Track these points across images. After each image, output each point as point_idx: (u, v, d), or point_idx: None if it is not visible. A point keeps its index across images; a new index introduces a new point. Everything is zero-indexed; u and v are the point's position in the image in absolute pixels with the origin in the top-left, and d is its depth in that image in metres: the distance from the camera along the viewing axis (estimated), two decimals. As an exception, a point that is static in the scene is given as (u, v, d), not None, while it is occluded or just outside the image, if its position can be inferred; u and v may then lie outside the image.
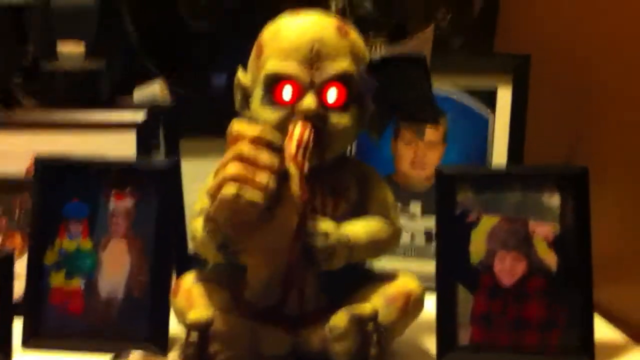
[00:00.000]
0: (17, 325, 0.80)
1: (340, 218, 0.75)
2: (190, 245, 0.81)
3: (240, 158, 0.66)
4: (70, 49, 1.28)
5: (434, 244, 0.81)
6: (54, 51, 1.29)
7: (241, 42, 0.80)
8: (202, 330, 0.68)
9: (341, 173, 0.78)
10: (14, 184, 0.94)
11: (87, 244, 0.83)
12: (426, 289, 0.78)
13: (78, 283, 0.82)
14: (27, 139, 1.00)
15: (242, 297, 0.72)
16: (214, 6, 1.32)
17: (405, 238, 0.98)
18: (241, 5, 1.28)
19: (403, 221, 0.91)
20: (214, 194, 0.66)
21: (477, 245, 0.79)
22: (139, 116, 1.00)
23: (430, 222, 0.99)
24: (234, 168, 0.65)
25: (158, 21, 1.48)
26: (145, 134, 1.00)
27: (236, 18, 1.29)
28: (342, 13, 1.23)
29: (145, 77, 1.30)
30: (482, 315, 0.78)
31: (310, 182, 0.71)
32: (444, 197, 0.80)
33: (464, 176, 0.81)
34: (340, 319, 0.70)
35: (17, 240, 0.91)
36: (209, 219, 0.69)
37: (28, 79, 1.33)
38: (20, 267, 0.84)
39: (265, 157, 0.66)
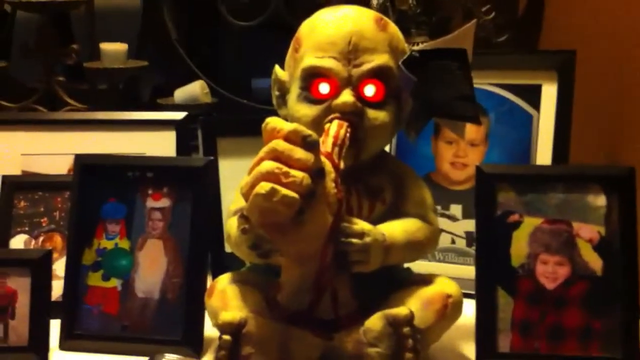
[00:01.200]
0: (56, 326, 0.81)
1: (376, 219, 0.74)
2: (226, 245, 0.81)
3: (274, 155, 0.64)
4: (113, 50, 1.30)
5: (474, 247, 0.78)
6: (97, 52, 1.31)
7: (284, 43, 0.79)
8: (234, 332, 0.68)
9: (378, 172, 0.77)
10: (55, 184, 0.94)
11: (124, 244, 0.83)
12: (467, 294, 0.76)
13: (115, 283, 0.82)
14: (69, 138, 1.01)
15: (275, 300, 0.71)
16: (256, 6, 1.32)
17: (445, 241, 0.96)
18: (284, 5, 1.28)
19: (443, 223, 0.89)
20: (247, 192, 0.64)
21: (519, 247, 0.77)
22: (179, 115, 1.00)
23: (471, 225, 0.96)
24: (267, 165, 0.64)
25: (200, 22, 1.49)
26: (185, 133, 1.00)
27: (278, 18, 1.29)
28: (383, 10, 1.21)
29: (186, 78, 1.31)
30: (522, 322, 0.75)
31: (345, 181, 0.70)
32: (484, 197, 0.78)
33: (506, 176, 0.79)
34: (375, 322, 0.69)
35: (57, 241, 0.92)
36: (242, 218, 0.68)
37: (71, 79, 1.35)
38: (60, 268, 0.86)
39: (299, 153, 0.64)
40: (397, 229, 0.73)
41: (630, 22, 0.95)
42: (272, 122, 0.66)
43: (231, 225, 0.74)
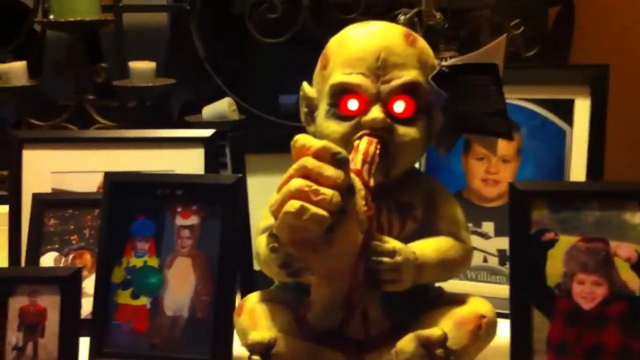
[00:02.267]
0: (85, 344, 0.80)
1: (407, 237, 0.73)
2: (255, 263, 0.80)
3: (304, 172, 0.64)
4: (142, 68, 1.31)
5: (508, 266, 0.77)
6: (127, 70, 1.32)
7: (311, 59, 0.79)
8: (263, 352, 0.67)
9: (408, 189, 0.76)
10: (85, 201, 0.95)
11: (153, 262, 0.83)
12: (500, 314, 0.74)
13: (144, 301, 0.82)
14: (99, 156, 1.01)
15: (305, 319, 0.70)
16: (284, 23, 1.32)
17: (477, 259, 0.94)
18: (311, 20, 1.28)
19: (475, 241, 0.88)
20: (276, 210, 0.64)
21: (554, 266, 0.75)
22: (207, 132, 1.00)
23: (503, 243, 0.95)
24: (297, 183, 0.63)
25: (227, 38, 1.50)
26: (213, 149, 1.00)
27: (306, 34, 1.29)
28: (411, 25, 1.21)
29: (214, 95, 1.31)
30: (559, 343, 0.73)
31: (375, 198, 0.69)
32: (518, 214, 0.77)
33: (540, 192, 0.77)
34: (407, 343, 0.67)
35: (87, 259, 0.92)
36: (272, 236, 0.67)
37: (101, 97, 1.36)
38: (89, 286, 0.86)
39: (329, 171, 0.64)
40: (428, 247, 0.72)
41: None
42: (301, 139, 0.66)
43: (260, 243, 0.73)
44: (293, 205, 0.62)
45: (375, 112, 0.71)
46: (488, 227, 0.97)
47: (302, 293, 0.72)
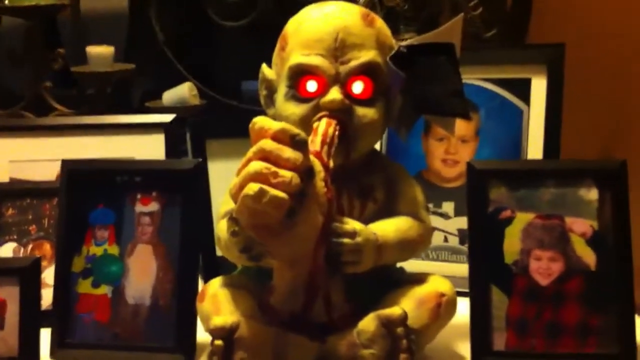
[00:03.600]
0: (47, 335, 0.80)
1: (368, 219, 0.73)
2: (217, 249, 0.80)
3: (263, 155, 0.63)
4: (99, 53, 1.28)
5: (467, 245, 0.78)
6: (85, 56, 1.29)
7: (273, 44, 0.78)
8: (226, 337, 0.67)
9: (369, 171, 0.76)
10: (43, 190, 0.94)
11: (114, 250, 0.82)
12: (461, 292, 0.75)
13: (105, 290, 0.81)
14: (57, 144, 1.00)
15: (267, 303, 0.71)
16: (245, 7, 1.31)
17: (437, 239, 0.95)
18: (272, 5, 1.27)
19: (435, 221, 0.89)
20: (236, 194, 0.63)
21: (512, 244, 0.76)
22: (167, 118, 0.99)
23: (463, 222, 0.95)
24: (255, 166, 0.63)
25: (188, 23, 1.48)
26: (173, 136, 0.99)
27: (267, 19, 1.28)
28: (370, 7, 1.21)
29: (176, 81, 1.30)
30: (518, 319, 0.75)
31: (336, 180, 0.69)
32: (476, 193, 0.78)
33: (497, 172, 0.78)
34: (368, 323, 0.68)
35: (47, 249, 0.91)
36: (232, 220, 0.67)
37: (59, 85, 1.34)
38: (49, 276, 0.85)
39: (288, 153, 0.63)
40: (389, 227, 0.73)
41: (621, 12, 0.95)
42: (259, 121, 0.65)
43: (221, 228, 0.73)
44: (252, 188, 0.62)
45: (334, 94, 0.71)
46: (448, 207, 0.98)
47: (264, 278, 0.72)
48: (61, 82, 1.36)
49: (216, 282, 0.76)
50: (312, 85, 0.72)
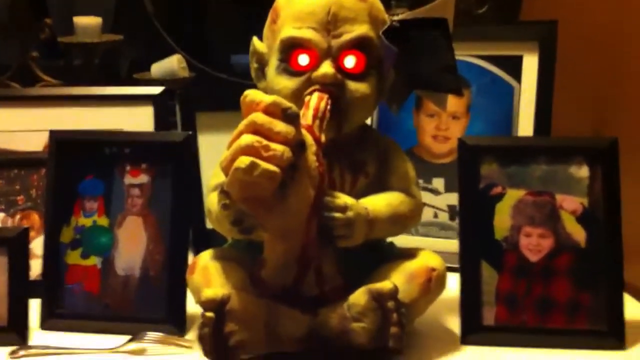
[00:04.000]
0: (36, 306, 0.80)
1: (359, 194, 0.73)
2: (207, 221, 0.80)
3: (254, 128, 0.63)
4: (87, 23, 1.27)
5: (457, 221, 0.78)
6: (72, 26, 1.28)
7: (264, 16, 0.77)
8: (217, 309, 0.67)
9: (360, 146, 0.76)
10: (31, 161, 0.93)
11: (103, 221, 0.82)
12: (451, 268, 0.75)
13: (94, 261, 0.81)
14: (44, 114, 0.99)
15: (259, 276, 0.70)
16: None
17: (427, 215, 0.95)
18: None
19: (425, 197, 0.89)
20: (226, 167, 0.63)
21: (502, 220, 0.76)
22: (156, 90, 0.98)
23: (453, 199, 0.96)
24: (247, 139, 0.62)
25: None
26: (162, 107, 0.98)
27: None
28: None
29: (165, 52, 1.28)
30: (508, 295, 0.75)
31: (328, 155, 0.69)
32: (467, 169, 0.78)
33: (488, 148, 0.78)
34: (359, 297, 0.68)
35: (35, 219, 0.90)
36: (223, 193, 0.67)
37: (46, 54, 1.32)
38: (38, 247, 0.84)
39: (280, 126, 0.63)
40: (380, 202, 0.73)
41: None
42: (251, 94, 0.64)
43: (211, 201, 0.73)
44: (243, 161, 0.62)
45: (326, 67, 0.71)
46: (438, 183, 0.98)
47: (255, 250, 0.72)
48: (48, 52, 1.35)
49: (206, 255, 0.76)
50: (304, 59, 0.72)
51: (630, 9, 0.91)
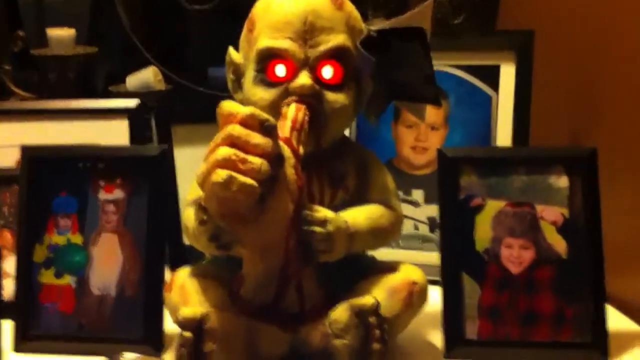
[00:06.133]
0: (9, 327, 0.78)
1: (338, 207, 0.72)
2: (185, 237, 0.78)
3: (231, 141, 0.61)
4: (60, 35, 1.25)
5: (438, 233, 0.77)
6: (46, 38, 1.26)
7: (241, 29, 0.76)
8: (195, 328, 0.65)
9: (339, 158, 0.75)
10: (3, 177, 0.90)
11: (77, 239, 0.80)
12: (432, 281, 0.75)
13: (68, 280, 0.79)
14: (17, 129, 0.97)
15: (238, 294, 0.69)
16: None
17: (408, 227, 0.95)
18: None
19: (405, 209, 0.88)
20: (203, 181, 0.62)
21: (483, 232, 0.76)
22: (131, 103, 0.97)
23: (433, 210, 0.95)
24: (223, 152, 0.61)
25: (153, 6, 1.45)
26: (138, 121, 0.97)
27: (234, 2, 1.26)
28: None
29: (142, 65, 1.27)
30: (490, 308, 0.75)
31: (306, 167, 0.68)
32: (446, 180, 0.77)
33: (468, 159, 0.78)
34: (340, 313, 0.67)
35: (7, 238, 0.88)
36: (200, 208, 0.65)
37: (18, 67, 1.30)
38: (10, 266, 0.82)
39: (257, 139, 0.62)
40: (360, 215, 0.72)
41: (588, 0, 0.95)
42: (227, 106, 0.63)
43: (188, 216, 0.71)
44: (220, 175, 0.60)
45: (304, 78, 0.70)
46: (418, 194, 0.97)
47: (234, 267, 0.71)
48: (21, 65, 1.32)
49: (184, 272, 0.74)
50: (280, 70, 0.71)
51: (607, 17, 0.91)
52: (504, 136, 0.96)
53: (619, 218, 0.80)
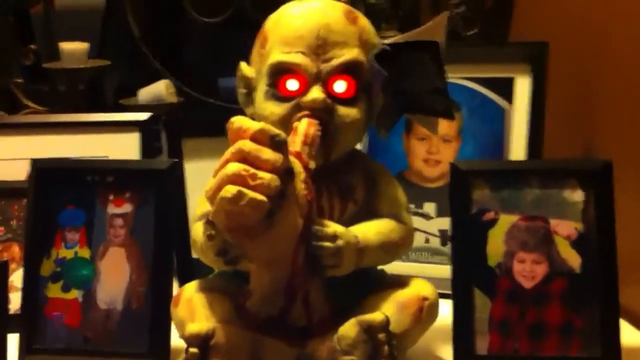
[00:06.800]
0: (15, 340, 0.77)
1: (348, 220, 0.71)
2: (193, 251, 0.78)
3: (241, 156, 0.61)
4: (73, 49, 1.25)
5: (449, 246, 0.76)
6: (57, 52, 1.26)
7: (251, 40, 0.76)
8: (201, 344, 0.64)
9: (349, 171, 0.74)
10: (12, 190, 0.90)
11: (84, 253, 0.79)
12: (443, 295, 0.73)
13: (75, 294, 0.78)
14: (28, 142, 0.97)
15: (245, 307, 0.68)
16: (222, 2, 1.28)
17: (418, 240, 0.93)
18: (250, 2, 1.25)
19: (416, 222, 0.87)
20: (212, 196, 0.61)
21: (495, 246, 0.74)
22: (142, 116, 0.97)
23: (445, 223, 0.94)
24: (233, 167, 0.60)
25: (164, 18, 1.45)
26: (149, 134, 0.97)
27: (245, 14, 1.26)
28: (352, 3, 1.19)
29: (152, 77, 1.27)
30: (501, 322, 0.73)
31: (316, 180, 0.67)
32: (459, 194, 0.76)
33: (481, 172, 0.77)
34: (349, 329, 0.66)
35: (15, 251, 0.88)
36: (208, 223, 0.65)
37: (30, 80, 1.30)
38: (18, 279, 0.82)
39: (267, 154, 0.61)
40: (370, 230, 0.71)
41: (604, 9, 0.93)
42: (237, 121, 0.63)
43: (197, 230, 0.71)
44: (230, 190, 0.60)
45: (316, 93, 0.69)
46: (429, 207, 0.96)
47: (241, 280, 0.70)
48: (33, 78, 1.33)
49: (191, 286, 0.73)
50: (292, 84, 0.70)
51: (623, 26, 0.90)
52: (517, 149, 0.94)
53: (633, 229, 0.79)
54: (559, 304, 0.73)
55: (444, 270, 0.79)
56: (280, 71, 0.70)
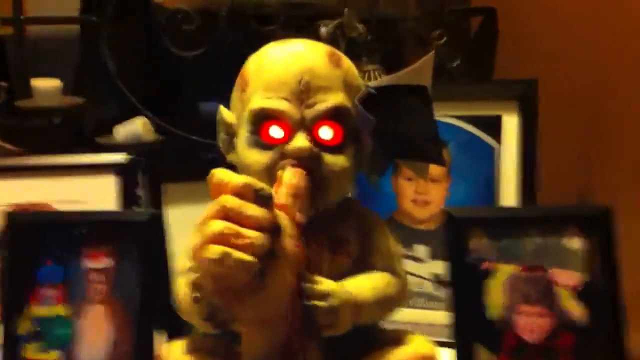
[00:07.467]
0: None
1: (340, 275, 0.68)
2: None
3: (224, 213, 0.57)
4: (46, 86, 1.21)
5: (443, 290, 0.73)
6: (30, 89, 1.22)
7: (231, 75, 0.73)
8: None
9: (341, 222, 0.71)
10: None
11: (63, 311, 0.75)
12: (439, 342, 0.70)
13: (55, 356, 0.74)
14: (1, 186, 0.93)
15: (236, 372, 0.65)
16: (202, 37, 1.25)
17: (412, 285, 0.90)
18: (230, 36, 1.22)
19: (408, 265, 0.84)
20: (196, 257, 0.57)
21: (495, 298, 0.72)
22: (121, 158, 0.93)
23: (437, 266, 0.91)
24: (216, 226, 0.57)
25: (142, 54, 1.42)
26: (128, 178, 0.93)
27: (225, 49, 1.23)
28: (332, 38, 1.17)
29: (132, 113, 1.23)
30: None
31: (305, 233, 0.63)
32: (454, 243, 0.73)
33: (477, 219, 0.74)
34: (347, 393, 0.63)
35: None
36: (194, 286, 0.61)
37: (2, 118, 1.26)
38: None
39: (252, 210, 0.57)
40: (365, 286, 0.68)
41: (594, 41, 0.92)
42: (218, 174, 0.59)
43: (180, 288, 0.67)
44: (214, 251, 0.56)
45: (301, 141, 0.66)
46: (420, 250, 0.93)
47: (231, 339, 0.66)
48: (6, 116, 1.29)
49: (178, 347, 0.69)
50: (276, 131, 0.66)
51: (614, 58, 0.88)
52: (508, 189, 0.92)
53: (635, 272, 0.77)
54: (570, 359, 0.70)
55: (441, 317, 0.76)
56: (262, 117, 0.67)
